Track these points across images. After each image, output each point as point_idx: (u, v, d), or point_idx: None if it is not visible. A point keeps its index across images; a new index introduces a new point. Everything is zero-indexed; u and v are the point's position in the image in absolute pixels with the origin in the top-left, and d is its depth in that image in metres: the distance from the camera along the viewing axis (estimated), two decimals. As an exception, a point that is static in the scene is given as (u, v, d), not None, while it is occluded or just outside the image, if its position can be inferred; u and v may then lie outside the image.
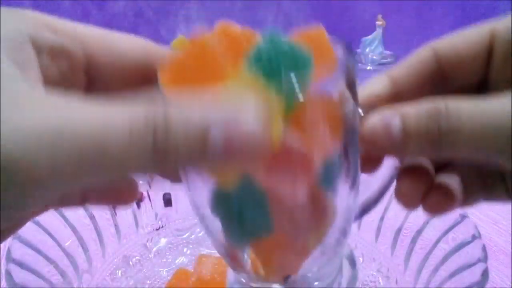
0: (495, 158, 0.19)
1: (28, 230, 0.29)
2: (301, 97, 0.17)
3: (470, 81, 0.23)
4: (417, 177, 0.22)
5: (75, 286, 0.30)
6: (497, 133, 0.18)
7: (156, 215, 0.41)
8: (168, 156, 0.14)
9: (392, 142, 0.19)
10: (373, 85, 0.23)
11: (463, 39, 0.22)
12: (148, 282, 0.38)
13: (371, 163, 0.22)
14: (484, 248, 0.27)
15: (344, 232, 0.21)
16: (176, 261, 0.40)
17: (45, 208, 0.20)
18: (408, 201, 0.22)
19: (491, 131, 0.18)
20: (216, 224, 0.19)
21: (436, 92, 0.23)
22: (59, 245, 0.30)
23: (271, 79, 0.17)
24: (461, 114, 0.18)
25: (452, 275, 0.27)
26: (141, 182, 0.40)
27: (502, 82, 0.22)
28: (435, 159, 0.22)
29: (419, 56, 0.23)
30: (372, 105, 0.21)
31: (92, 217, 0.35)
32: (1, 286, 0.28)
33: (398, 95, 0.22)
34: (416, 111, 0.19)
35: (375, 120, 0.19)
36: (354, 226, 0.39)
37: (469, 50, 0.22)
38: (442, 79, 0.23)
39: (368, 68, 0.75)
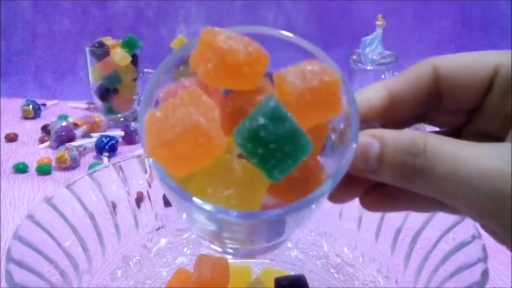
0: (460, 207, 0.19)
1: (28, 230, 0.29)
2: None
3: (464, 106, 0.23)
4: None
5: (75, 286, 0.30)
6: (465, 185, 0.18)
7: (156, 215, 0.41)
8: None
9: (367, 167, 0.20)
10: (369, 94, 0.23)
11: (466, 65, 0.22)
12: (148, 282, 0.38)
13: (344, 191, 0.23)
14: (484, 248, 0.27)
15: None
16: (176, 261, 0.40)
17: None
18: (337, 197, 0.23)
19: (461, 182, 0.18)
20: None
21: (429, 108, 0.23)
22: (59, 245, 0.30)
23: (260, 160, 0.18)
24: (437, 156, 0.19)
25: (452, 275, 0.27)
26: (141, 182, 0.40)
27: (495, 116, 0.22)
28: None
29: (418, 72, 0.23)
30: (365, 117, 0.22)
31: (92, 217, 0.35)
32: (1, 286, 0.28)
33: (392, 107, 0.22)
34: (395, 142, 0.19)
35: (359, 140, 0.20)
36: (354, 226, 0.39)
37: (470, 79, 0.22)
38: (437, 98, 0.23)
39: (368, 68, 0.74)
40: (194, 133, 0.17)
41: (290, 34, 0.21)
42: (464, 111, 0.23)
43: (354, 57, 0.76)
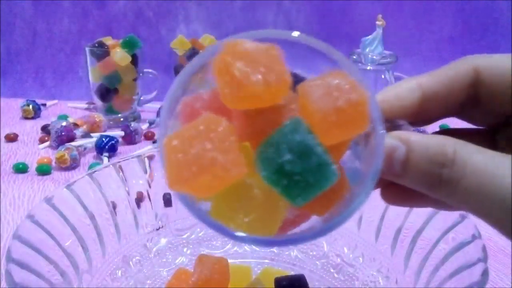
0: (487, 222, 0.19)
1: (28, 230, 0.29)
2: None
3: (503, 111, 0.21)
4: None
5: (75, 286, 0.30)
6: (494, 201, 0.17)
7: (156, 215, 0.41)
8: None
9: (391, 170, 0.19)
10: (401, 92, 0.21)
11: (509, 68, 0.20)
12: (148, 282, 0.38)
13: None
14: (484, 248, 0.27)
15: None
16: (176, 261, 0.40)
17: None
18: None
19: (489, 197, 0.18)
20: None
21: (464, 109, 0.22)
22: (59, 245, 0.30)
23: (284, 190, 0.17)
24: (466, 168, 0.18)
25: (452, 275, 0.27)
26: (141, 182, 0.40)
27: None
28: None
29: (457, 72, 0.21)
30: (394, 115, 0.21)
31: (92, 217, 0.35)
32: (1, 286, 0.28)
33: (424, 107, 0.21)
34: (423, 149, 0.18)
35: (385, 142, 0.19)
36: (354, 226, 0.39)
37: None
38: (474, 100, 0.21)
39: (368, 68, 0.74)
40: (211, 170, 0.17)
41: (318, 41, 0.19)
42: (501, 117, 0.22)
43: (354, 57, 0.76)
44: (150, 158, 0.40)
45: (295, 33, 0.19)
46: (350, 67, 0.19)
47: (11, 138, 0.72)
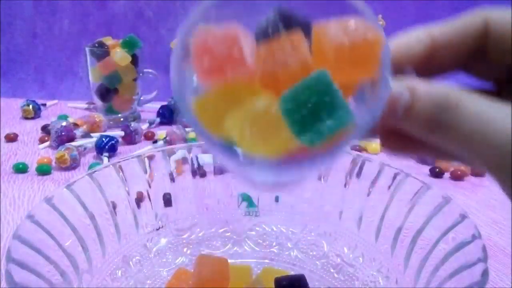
0: (483, 165, 0.19)
1: (28, 230, 0.29)
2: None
3: (509, 65, 0.22)
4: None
5: (75, 286, 0.30)
6: (491, 144, 0.18)
7: (156, 215, 0.41)
8: None
9: (393, 115, 0.20)
10: (411, 41, 0.22)
11: None
12: (148, 282, 0.38)
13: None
14: (484, 248, 0.27)
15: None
16: (176, 261, 0.40)
17: None
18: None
19: (487, 140, 0.18)
20: None
21: (472, 60, 0.22)
22: (59, 245, 0.30)
23: (298, 129, 0.17)
24: (469, 112, 0.18)
25: (452, 275, 0.27)
26: (141, 182, 0.40)
27: None
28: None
29: (467, 23, 0.22)
30: (401, 63, 0.21)
31: (92, 217, 0.35)
32: (1, 286, 0.28)
33: (432, 57, 0.22)
34: (428, 97, 0.19)
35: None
36: (354, 226, 0.39)
37: None
38: (482, 51, 0.22)
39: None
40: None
41: None
42: (509, 67, 0.22)
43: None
44: (150, 158, 0.40)
45: None
46: (369, 14, 0.19)
47: (11, 138, 0.72)
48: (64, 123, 0.70)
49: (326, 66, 0.17)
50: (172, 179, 0.42)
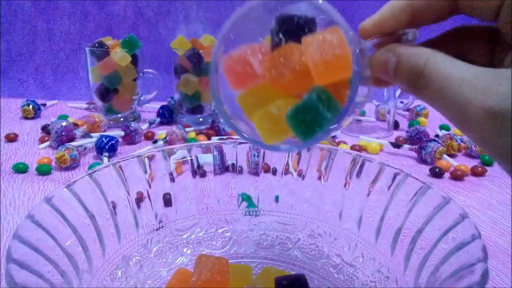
0: (453, 123, 0.23)
1: (28, 230, 0.29)
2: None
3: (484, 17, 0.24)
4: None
5: (75, 286, 0.30)
6: (453, 106, 0.22)
7: (156, 215, 0.41)
8: None
9: (386, 75, 0.25)
10: (393, 11, 0.26)
11: None
12: (148, 282, 0.38)
13: (380, 83, 0.28)
14: (484, 248, 0.27)
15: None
16: (176, 261, 0.40)
17: None
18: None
19: (450, 102, 0.22)
20: None
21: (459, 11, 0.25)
22: (59, 245, 0.30)
23: (300, 136, 0.25)
24: (432, 75, 0.22)
25: (452, 275, 0.27)
26: (141, 182, 0.40)
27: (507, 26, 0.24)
28: None
29: None
30: (388, 30, 0.26)
31: (92, 217, 0.35)
32: (1, 286, 0.28)
33: (416, 19, 0.25)
34: (405, 60, 0.24)
35: (379, 56, 0.25)
36: (354, 226, 0.40)
37: None
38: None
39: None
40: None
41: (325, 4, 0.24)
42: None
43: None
44: (150, 158, 0.40)
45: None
46: (344, 27, 0.24)
47: (11, 138, 0.72)
48: (64, 123, 0.70)
49: (312, 72, 0.24)
50: (172, 179, 0.42)
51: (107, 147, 0.65)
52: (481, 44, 0.27)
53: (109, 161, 0.63)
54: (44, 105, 0.91)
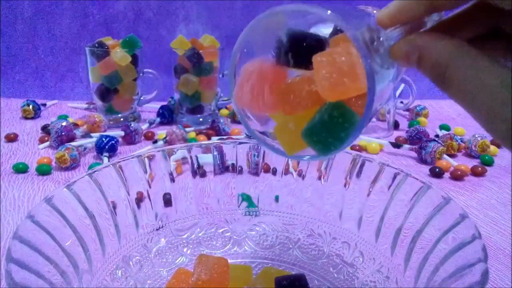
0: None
1: (28, 230, 0.29)
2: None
3: None
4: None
5: (75, 286, 0.30)
6: (479, 114, 0.22)
7: (156, 215, 0.41)
8: None
9: (410, 66, 0.25)
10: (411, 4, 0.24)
11: None
12: (148, 282, 0.38)
13: None
14: (484, 248, 0.27)
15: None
16: (176, 261, 0.40)
17: None
18: None
19: (475, 107, 0.22)
20: None
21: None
22: (59, 245, 0.30)
23: (317, 150, 0.25)
24: (454, 79, 0.22)
25: (452, 275, 0.27)
26: (141, 182, 0.40)
27: None
28: None
29: None
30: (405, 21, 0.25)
31: (92, 217, 0.35)
32: (1, 286, 0.28)
33: (434, 9, 0.25)
34: (429, 59, 0.23)
35: (399, 48, 0.25)
36: (354, 226, 0.39)
37: None
38: None
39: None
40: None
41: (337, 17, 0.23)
42: None
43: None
44: (150, 158, 0.40)
45: (328, 12, 0.23)
46: (354, 37, 0.23)
47: (11, 138, 0.72)
48: (64, 123, 0.70)
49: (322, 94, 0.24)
50: (172, 179, 0.42)
51: (107, 147, 0.65)
52: None
53: (109, 161, 0.63)
54: (44, 105, 0.91)
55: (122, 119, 0.82)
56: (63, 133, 0.69)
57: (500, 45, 0.27)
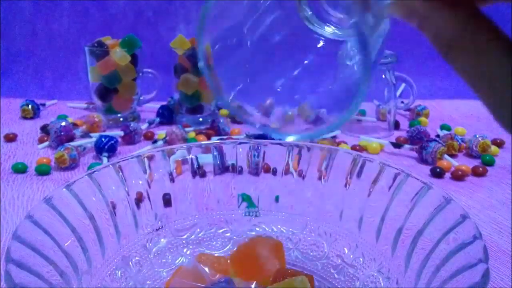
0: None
1: (27, 230, 0.29)
2: None
3: None
4: None
5: (74, 287, 0.30)
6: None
7: (156, 215, 0.41)
8: None
9: (411, 24, 0.23)
10: None
11: None
12: (148, 282, 0.38)
13: None
14: (485, 249, 0.27)
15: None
16: (176, 262, 0.40)
17: None
18: None
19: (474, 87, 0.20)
20: None
21: None
22: (59, 245, 0.30)
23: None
24: (458, 61, 0.21)
25: (453, 275, 0.27)
26: (140, 182, 0.40)
27: None
28: None
29: None
30: None
31: (91, 217, 0.35)
32: (1, 287, 0.28)
33: None
34: (432, 26, 0.21)
35: (400, 6, 0.22)
36: (354, 226, 0.39)
37: None
38: None
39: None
40: None
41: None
42: None
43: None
44: (150, 158, 0.40)
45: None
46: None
47: (10, 138, 0.72)
48: (63, 123, 0.70)
49: None
50: (172, 179, 0.41)
51: (106, 147, 0.65)
52: None
53: (108, 161, 0.63)
54: (44, 105, 0.91)
55: (121, 119, 0.82)
56: (62, 133, 0.69)
57: None
